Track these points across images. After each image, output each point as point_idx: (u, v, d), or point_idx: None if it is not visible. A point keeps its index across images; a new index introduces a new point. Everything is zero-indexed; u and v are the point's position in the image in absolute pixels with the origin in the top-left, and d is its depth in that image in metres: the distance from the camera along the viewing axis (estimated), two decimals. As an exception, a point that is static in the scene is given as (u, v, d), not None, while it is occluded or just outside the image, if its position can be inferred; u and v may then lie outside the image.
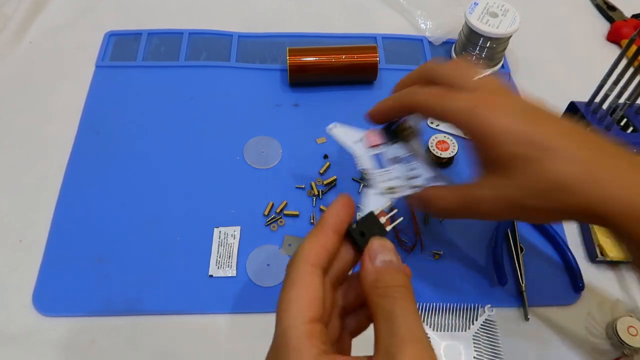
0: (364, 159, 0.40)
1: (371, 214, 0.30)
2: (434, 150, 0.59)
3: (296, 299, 0.24)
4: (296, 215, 0.57)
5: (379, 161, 0.40)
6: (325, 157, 0.61)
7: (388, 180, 0.38)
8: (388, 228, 0.30)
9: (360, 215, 0.31)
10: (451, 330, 0.49)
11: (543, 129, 0.33)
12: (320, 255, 0.26)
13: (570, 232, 0.58)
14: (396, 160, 0.40)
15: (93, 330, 0.49)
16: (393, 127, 0.42)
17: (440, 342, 0.49)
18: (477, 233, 0.57)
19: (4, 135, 0.62)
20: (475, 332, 0.49)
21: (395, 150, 0.41)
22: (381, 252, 0.27)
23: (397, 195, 0.38)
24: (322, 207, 0.57)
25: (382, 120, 0.42)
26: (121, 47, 0.71)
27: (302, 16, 0.77)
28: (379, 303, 0.25)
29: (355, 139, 0.41)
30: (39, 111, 0.64)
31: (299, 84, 0.68)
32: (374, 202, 0.36)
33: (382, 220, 0.30)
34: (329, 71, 0.66)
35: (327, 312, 0.27)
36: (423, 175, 0.40)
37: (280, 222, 0.56)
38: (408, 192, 0.38)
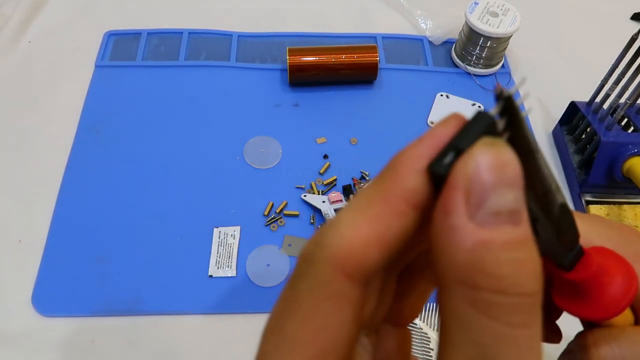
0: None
1: (480, 115, 0.14)
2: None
3: (293, 338, 0.13)
4: (296, 215, 0.56)
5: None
6: (325, 157, 0.61)
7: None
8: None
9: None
10: (451, 331, 0.49)
11: None
12: (368, 253, 0.13)
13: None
14: None
15: (93, 330, 0.49)
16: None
17: (440, 342, 0.48)
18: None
19: (4, 135, 0.62)
20: (476, 332, 0.49)
21: None
22: (496, 187, 0.12)
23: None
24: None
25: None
26: (121, 47, 0.71)
27: (302, 16, 0.77)
28: (469, 326, 0.12)
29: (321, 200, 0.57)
30: (38, 111, 0.64)
31: (299, 84, 0.68)
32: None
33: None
34: (329, 71, 0.66)
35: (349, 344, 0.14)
36: None
37: (280, 222, 0.56)
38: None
